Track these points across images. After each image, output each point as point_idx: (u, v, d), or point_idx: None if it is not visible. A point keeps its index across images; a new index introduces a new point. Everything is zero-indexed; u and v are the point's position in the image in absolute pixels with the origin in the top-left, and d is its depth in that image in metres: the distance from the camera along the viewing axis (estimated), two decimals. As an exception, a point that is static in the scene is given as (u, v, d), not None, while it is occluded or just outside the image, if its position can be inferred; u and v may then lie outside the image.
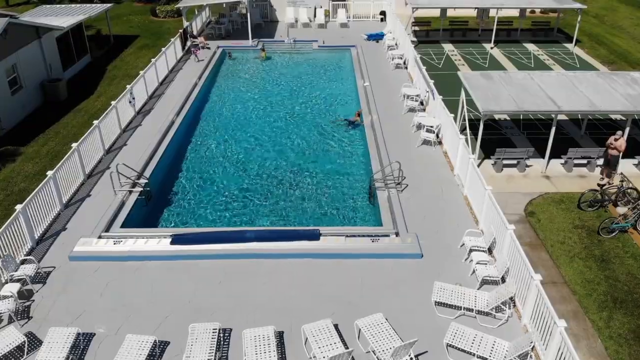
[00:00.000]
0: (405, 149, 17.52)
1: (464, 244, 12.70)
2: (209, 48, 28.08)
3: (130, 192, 15.14)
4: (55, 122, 20.14)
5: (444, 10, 30.07)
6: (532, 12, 34.62)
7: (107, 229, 13.48)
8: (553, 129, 15.79)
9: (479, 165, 17.00)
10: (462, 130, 19.42)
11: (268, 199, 15.64)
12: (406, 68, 25.15)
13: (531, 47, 29.23)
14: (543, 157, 17.16)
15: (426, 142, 17.80)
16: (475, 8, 30.10)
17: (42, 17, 24.78)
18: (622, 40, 30.99)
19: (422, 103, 20.65)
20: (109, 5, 29.07)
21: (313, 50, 28.73)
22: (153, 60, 22.31)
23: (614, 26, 34.35)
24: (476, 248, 12.27)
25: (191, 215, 15.12)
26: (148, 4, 38.27)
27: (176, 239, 12.77)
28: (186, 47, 26.74)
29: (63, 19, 24.89)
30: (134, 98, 19.67)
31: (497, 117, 20.20)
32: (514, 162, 16.71)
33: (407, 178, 15.60)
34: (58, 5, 29.20)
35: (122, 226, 13.78)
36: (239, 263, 12.29)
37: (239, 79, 25.14)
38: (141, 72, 20.87)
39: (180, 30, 26.64)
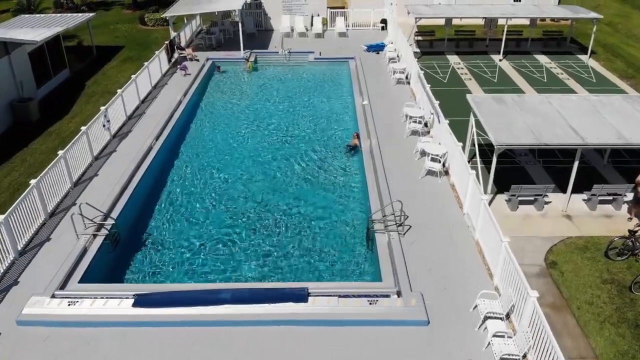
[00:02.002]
0: (407, 180, 15.65)
1: (477, 306, 10.86)
2: (197, 60, 26.22)
3: (95, 235, 13.33)
4: (22, 148, 18.33)
5: (449, 19, 28.23)
6: (543, 20, 32.74)
7: (63, 285, 11.63)
8: (576, 164, 13.91)
9: (491, 202, 15.14)
10: (472, 157, 17.58)
11: (251, 243, 13.74)
12: (408, 83, 23.28)
13: (543, 58, 27.33)
14: (562, 190, 15.32)
15: (431, 172, 15.95)
16: (484, 18, 28.23)
17: (16, 30, 22.99)
18: (639, 52, 29.08)
19: (426, 124, 18.80)
20: (90, 14, 27.26)
21: (309, 62, 26.84)
22: (133, 76, 20.48)
23: (629, 35, 32.43)
24: (492, 315, 10.41)
25: (163, 262, 13.23)
26: (137, 10, 36.47)
27: (139, 301, 10.92)
28: (172, 60, 24.93)
29: (39, 31, 23.09)
30: (108, 121, 17.83)
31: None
32: (531, 198, 14.82)
33: (410, 217, 13.73)
34: (38, 15, 27.44)
35: (82, 279, 11.94)
36: (210, 332, 10.43)
37: (227, 96, 23.23)
38: (119, 91, 19.05)
39: (166, 42, 24.83)
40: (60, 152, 14.79)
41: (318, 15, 31.54)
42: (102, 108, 17.56)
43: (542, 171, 16.51)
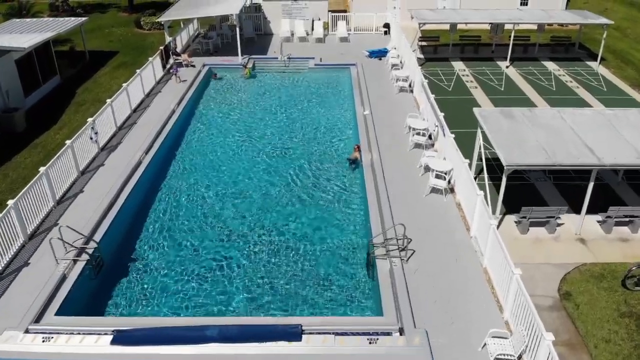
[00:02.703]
0: (411, 198, 14.75)
1: (486, 345, 9.97)
2: (193, 66, 25.36)
3: (75, 260, 12.46)
4: (6, 161, 17.47)
5: (453, 25, 27.30)
6: (550, 24, 31.77)
7: (38, 318, 10.77)
8: (591, 185, 12.99)
9: (500, 223, 14.23)
10: (478, 172, 16.68)
11: (243, 270, 12.81)
12: (412, 92, 22.38)
13: (551, 65, 26.38)
14: (575, 209, 14.41)
15: (435, 189, 15.05)
16: (490, 24, 27.27)
17: (4, 35, 22.12)
18: (650, 58, 28.14)
19: (430, 137, 17.90)
20: (83, 19, 26.40)
21: (309, 69, 25.93)
22: (124, 85, 19.62)
23: (638, 40, 31.45)
24: (503, 357, 9.52)
25: (150, 290, 12.35)
26: (133, 13, 35.62)
27: (118, 338, 10.04)
28: (167, 66, 24.07)
29: (28, 36, 22.24)
30: (96, 133, 16.97)
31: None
32: (543, 219, 13.89)
33: (414, 240, 12.81)
34: (30, 20, 26.58)
35: (60, 311, 11.08)
36: (195, 377, 9.57)
37: (223, 105, 22.30)
38: (108, 101, 18.19)
39: (161, 48, 23.96)
40: (42, 169, 13.94)
41: (319, 19, 30.63)
42: (90, 119, 16.71)
43: (552, 189, 15.58)
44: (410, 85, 22.52)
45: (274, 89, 23.94)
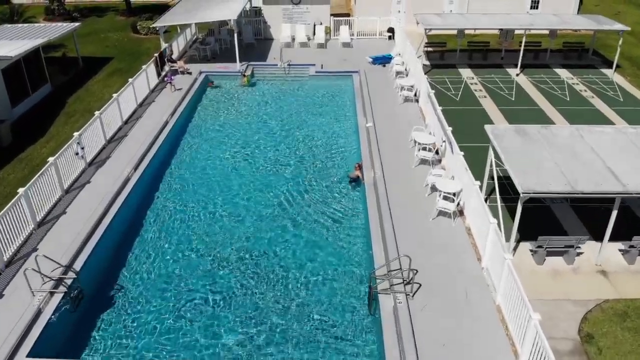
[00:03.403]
0: (416, 222, 13.67)
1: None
2: (189, 73, 24.37)
3: (52, 293, 11.51)
4: (-13, 178, 16.58)
5: (461, 30, 26.18)
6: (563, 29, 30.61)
7: (7, 360, 9.87)
8: (614, 214, 11.86)
9: (514, 251, 13.14)
10: (489, 192, 15.59)
11: (234, 306, 11.75)
12: (417, 102, 21.31)
13: (563, 73, 25.20)
14: (594, 236, 13.31)
15: (443, 212, 13.98)
16: (500, 29, 26.13)
17: (-7, 42, 21.26)
18: (667, 65, 26.92)
19: (437, 152, 16.84)
20: (75, 24, 25.40)
21: (309, 77, 24.88)
22: (115, 95, 18.65)
23: (653, 45, 30.20)
24: (521, 418, 8.48)
25: (134, 326, 11.35)
26: (131, 17, 34.66)
27: (91, 390, 9.10)
28: (163, 74, 23.08)
29: (17, 43, 21.27)
30: (82, 148, 16.00)
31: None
32: (561, 248, 12.77)
33: (420, 271, 11.72)
34: (21, 25, 25.64)
35: (32, 352, 10.15)
36: None
37: (218, 116, 21.22)
38: (96, 113, 17.23)
39: (156, 55, 22.98)
40: (21, 190, 12.98)
41: (321, 23, 29.57)
42: (75, 134, 15.74)
43: (570, 212, 14.45)
44: (415, 95, 21.45)
45: (272, 98, 22.88)
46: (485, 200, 15.02)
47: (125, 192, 15.26)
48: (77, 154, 15.82)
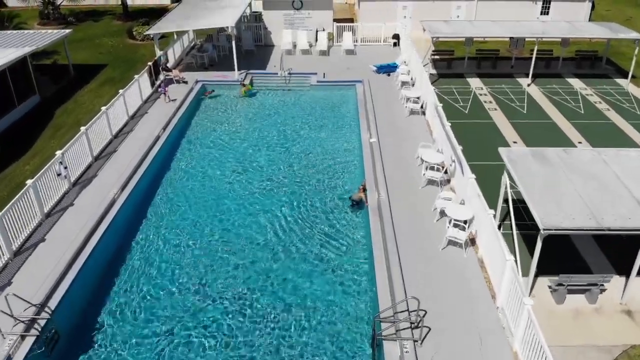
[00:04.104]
0: (424, 254, 12.52)
1: None
2: (185, 82, 23.33)
3: (24, 337, 10.45)
4: (-36, 198, 15.54)
5: (469, 38, 25.02)
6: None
7: (-35, 420, 8.83)
8: (644, 251, 10.76)
9: (531, 288, 11.99)
10: (503, 218, 14.44)
11: (217, 347, 10.67)
12: (424, 114, 20.20)
13: (576, 83, 24.02)
14: (617, 269, 12.17)
15: (453, 241, 12.85)
16: (510, 38, 24.98)
17: (-23, 50, 20.23)
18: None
19: (446, 172, 15.73)
20: (66, 31, 24.35)
21: (310, 86, 23.79)
22: (104, 108, 17.60)
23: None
24: None
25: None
26: (128, 21, 33.65)
27: None
28: (157, 84, 22.02)
29: (3, 52, 20.19)
30: (65, 167, 14.94)
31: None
32: (583, 286, 11.62)
33: (430, 312, 10.56)
34: (10, 32, 24.61)
35: (-4, 406, 9.14)
36: None
37: (214, 129, 20.03)
38: (82, 129, 16.18)
39: (149, 63, 21.92)
40: (-7, 217, 11.96)
41: (323, 29, 28.50)
42: (58, 153, 14.69)
43: (591, 242, 13.28)
44: (422, 107, 20.34)
45: (271, 110, 21.74)
46: (499, 227, 13.93)
47: (110, 216, 14.16)
48: (59, 174, 14.78)
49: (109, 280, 12.53)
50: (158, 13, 31.38)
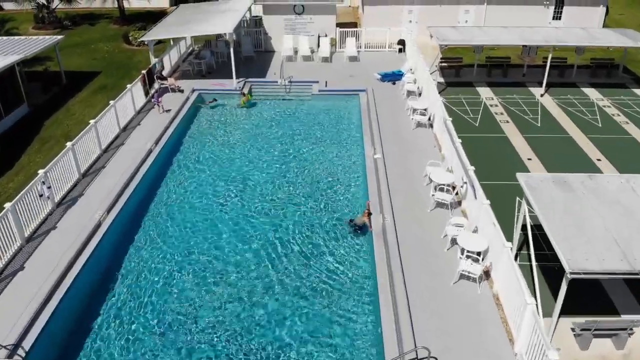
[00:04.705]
0: (435, 288, 11.40)
1: None
2: (181, 91, 22.29)
3: (-10, 385, 9.46)
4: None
5: (480, 45, 23.87)
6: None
7: None
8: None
9: (554, 330, 10.89)
10: (520, 247, 13.32)
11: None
12: (431, 126, 19.11)
13: (592, 93, 22.85)
14: (648, 305, 11.09)
15: (466, 275, 11.74)
16: (523, 46, 23.83)
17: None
18: None
19: (457, 193, 14.63)
20: (58, 37, 23.33)
21: (312, 96, 22.70)
22: (92, 122, 16.57)
23: (687, 60, 27.77)
24: None
25: None
26: (125, 25, 32.64)
27: None
28: (150, 94, 20.98)
29: (-11, 60, 19.33)
30: (49, 187, 13.92)
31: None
32: (610, 331, 10.53)
33: (440, 358, 9.59)
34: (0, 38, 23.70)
35: None
36: None
37: (210, 143, 18.89)
38: (68, 144, 15.17)
39: (143, 72, 20.89)
40: (-35, 246, 10.97)
41: (326, 35, 27.40)
42: (40, 172, 13.68)
43: (619, 280, 12.09)
44: (429, 119, 19.25)
45: (270, 121, 20.63)
46: (515, 257, 12.83)
47: (94, 241, 13.15)
48: (41, 195, 13.77)
49: (91, 312, 11.48)
50: (156, 17, 30.33)
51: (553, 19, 29.78)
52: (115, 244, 13.55)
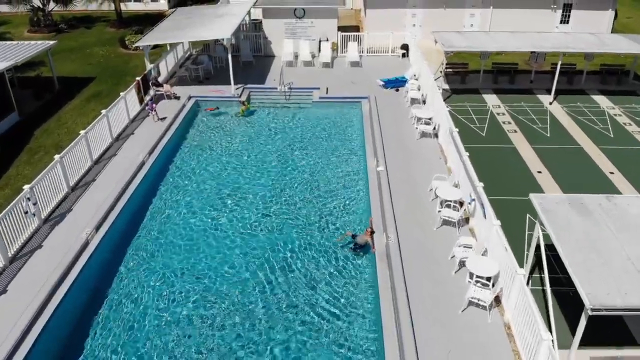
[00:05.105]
0: (443, 316, 10.66)
1: None
2: (177, 98, 21.57)
3: None
4: None
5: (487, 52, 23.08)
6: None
7: None
8: None
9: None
10: (532, 270, 12.55)
11: None
12: (436, 136, 18.37)
13: (602, 101, 22.05)
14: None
15: (474, 300, 10.99)
16: (532, 52, 23.05)
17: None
18: None
19: (464, 209, 13.89)
20: (50, 42, 22.58)
21: (312, 103, 21.96)
22: (83, 132, 15.86)
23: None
24: None
25: None
26: (122, 28, 31.94)
27: None
28: (145, 101, 20.26)
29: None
30: (34, 203, 13.24)
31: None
32: None
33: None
34: (-9, 43, 23.04)
35: None
36: None
37: (204, 153, 18.10)
38: (56, 157, 14.45)
39: (138, 79, 20.18)
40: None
41: (327, 39, 26.66)
42: (25, 187, 12.97)
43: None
44: (434, 129, 18.50)
45: (269, 131, 19.81)
46: (528, 281, 12.08)
47: (82, 261, 12.46)
48: (26, 212, 13.06)
49: (77, 341, 10.73)
50: (154, 19, 29.62)
51: (560, 22, 28.96)
52: (103, 264, 12.84)
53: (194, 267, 12.78)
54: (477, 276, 11.08)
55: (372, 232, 13.21)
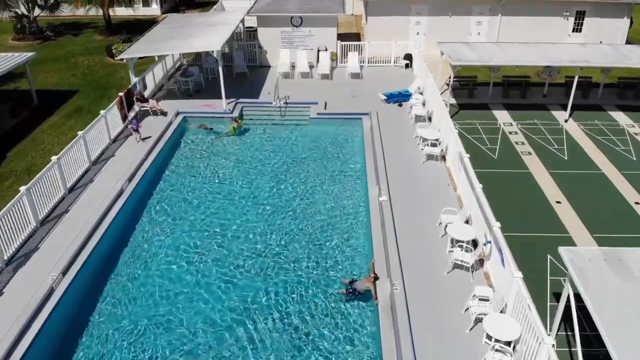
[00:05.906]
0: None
1: None
2: (164, 114, 20.05)
3: None
4: None
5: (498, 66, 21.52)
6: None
7: None
8: None
9: None
10: (559, 326, 11.02)
11: None
12: (444, 159, 16.86)
13: (621, 118, 20.52)
14: None
15: (493, 365, 9.48)
16: (545, 67, 21.51)
17: None
18: None
19: (475, 245, 12.39)
20: (28, 54, 21.05)
21: (309, 120, 20.40)
22: (54, 158, 14.32)
23: None
24: None
25: None
26: (110, 36, 30.42)
27: None
28: (129, 119, 18.73)
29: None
30: (-7, 245, 11.77)
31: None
32: None
33: None
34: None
35: None
36: None
37: (189, 180, 16.46)
38: (22, 189, 12.93)
39: (120, 95, 18.66)
40: None
41: (326, 49, 25.15)
42: (-18, 228, 11.50)
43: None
44: (442, 150, 16.97)
45: (261, 153, 18.15)
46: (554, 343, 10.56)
47: (46, 311, 10.92)
48: (-16, 255, 11.59)
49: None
50: (146, 25, 28.05)
51: (573, 31, 27.43)
52: (70, 315, 11.32)
53: (176, 317, 11.21)
54: (496, 340, 9.58)
55: (376, 278, 11.70)
